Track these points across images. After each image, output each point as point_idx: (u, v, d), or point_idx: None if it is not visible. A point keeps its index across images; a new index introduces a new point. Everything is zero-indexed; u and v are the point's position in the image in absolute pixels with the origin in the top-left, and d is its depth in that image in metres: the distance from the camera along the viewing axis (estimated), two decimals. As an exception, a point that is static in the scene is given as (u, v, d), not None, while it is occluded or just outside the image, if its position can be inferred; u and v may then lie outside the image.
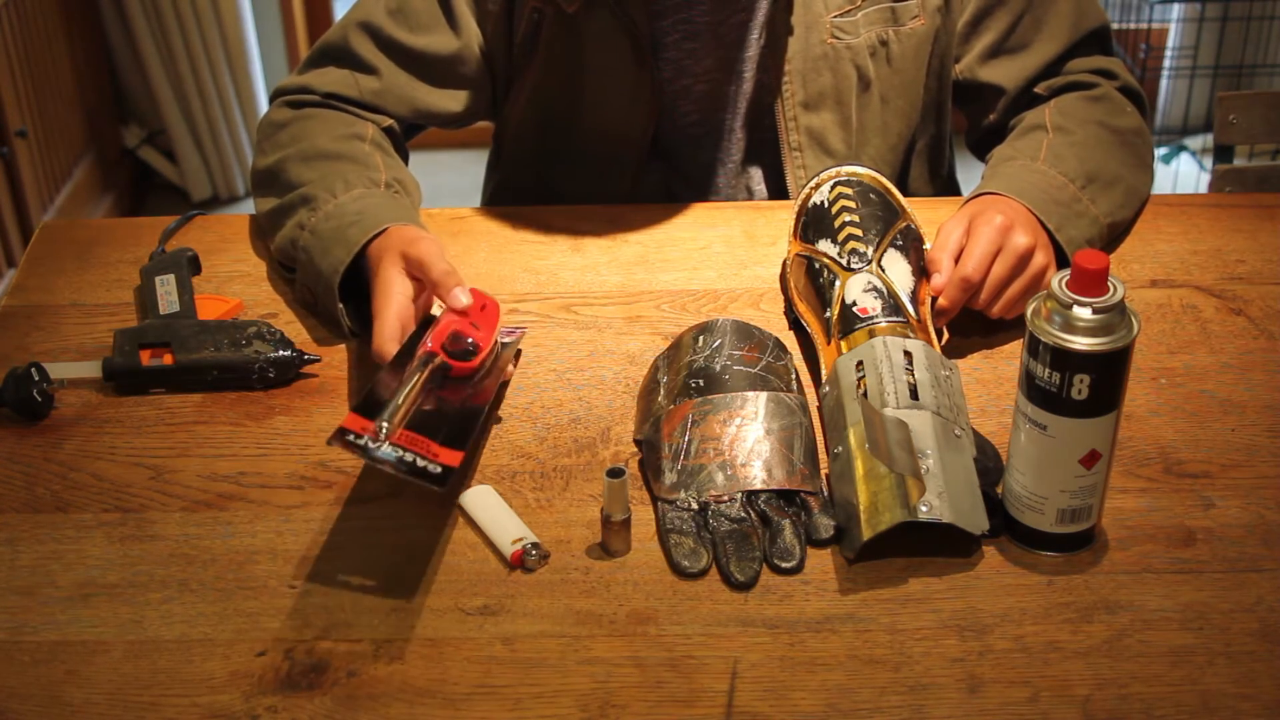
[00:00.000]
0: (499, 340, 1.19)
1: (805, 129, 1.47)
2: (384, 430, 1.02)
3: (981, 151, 1.53)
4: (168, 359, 1.21)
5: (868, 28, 1.45)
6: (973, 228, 1.25)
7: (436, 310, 1.20)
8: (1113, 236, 1.39)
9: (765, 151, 1.52)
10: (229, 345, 1.21)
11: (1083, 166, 1.36)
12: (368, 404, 1.05)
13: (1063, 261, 1.29)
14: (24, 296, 1.34)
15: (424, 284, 1.18)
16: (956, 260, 1.23)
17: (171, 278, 1.29)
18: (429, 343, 1.13)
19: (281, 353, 1.21)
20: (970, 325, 1.28)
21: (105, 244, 1.42)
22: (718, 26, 1.44)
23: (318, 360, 1.23)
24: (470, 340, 1.13)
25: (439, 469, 1.01)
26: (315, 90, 1.43)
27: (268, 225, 1.36)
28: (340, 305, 1.24)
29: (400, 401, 1.05)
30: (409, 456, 1.01)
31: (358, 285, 1.25)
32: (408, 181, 1.38)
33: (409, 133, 1.49)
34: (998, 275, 1.23)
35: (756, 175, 1.54)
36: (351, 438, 1.01)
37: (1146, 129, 1.48)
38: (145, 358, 1.21)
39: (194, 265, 1.34)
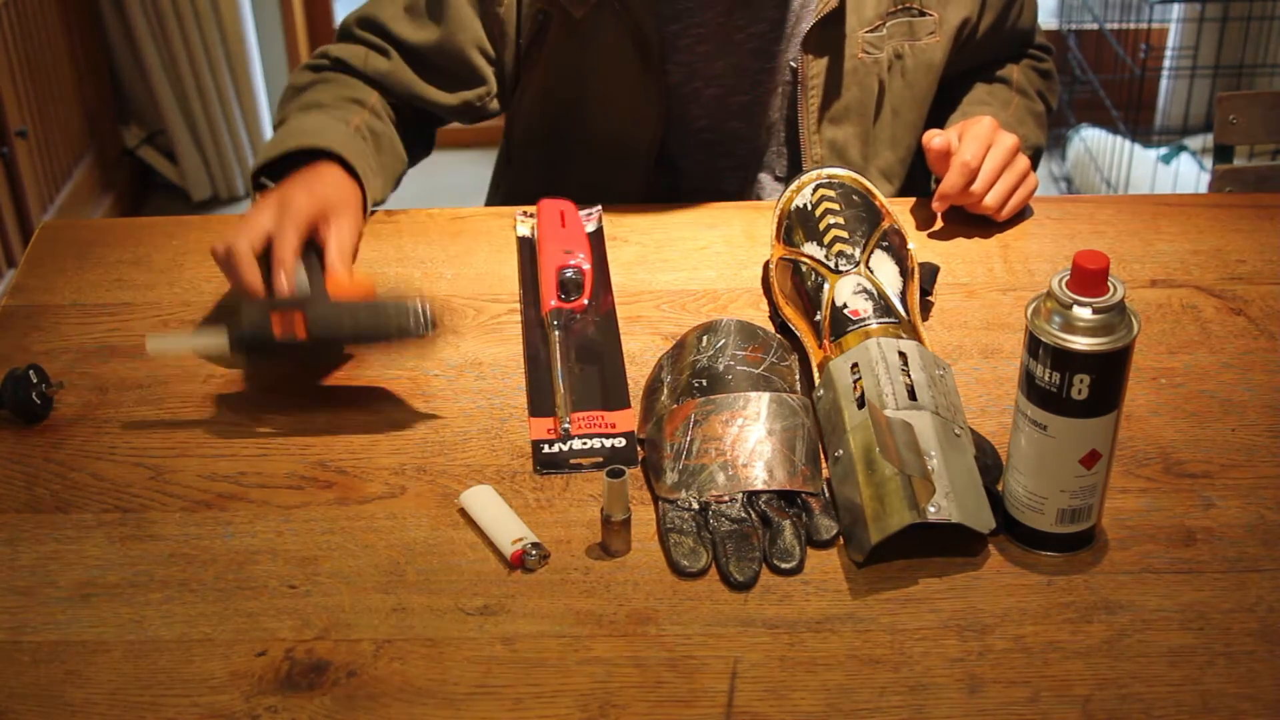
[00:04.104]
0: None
1: (829, 142, 1.47)
2: (567, 428, 1.12)
3: None
4: (300, 330, 1.12)
5: (889, 41, 1.46)
6: (964, 129, 1.38)
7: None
8: None
9: (777, 161, 1.52)
10: (365, 310, 1.13)
11: (1033, 137, 1.52)
12: (535, 399, 1.16)
13: None
14: (24, 296, 1.34)
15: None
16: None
17: (300, 265, 1.20)
18: (548, 301, 1.25)
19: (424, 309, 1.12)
20: (970, 324, 1.28)
21: (105, 244, 1.42)
22: (732, 31, 1.44)
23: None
24: (572, 269, 1.26)
25: (623, 441, 1.12)
26: (330, 55, 1.47)
27: None
28: (255, 177, 1.31)
29: (563, 389, 1.16)
30: (599, 444, 1.12)
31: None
32: (383, 138, 1.42)
33: (422, 121, 1.51)
34: (992, 164, 1.36)
35: (768, 185, 1.54)
36: (545, 449, 1.12)
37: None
38: (276, 323, 1.12)
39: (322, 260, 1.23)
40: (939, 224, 1.41)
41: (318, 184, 1.26)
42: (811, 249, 1.23)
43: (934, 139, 1.37)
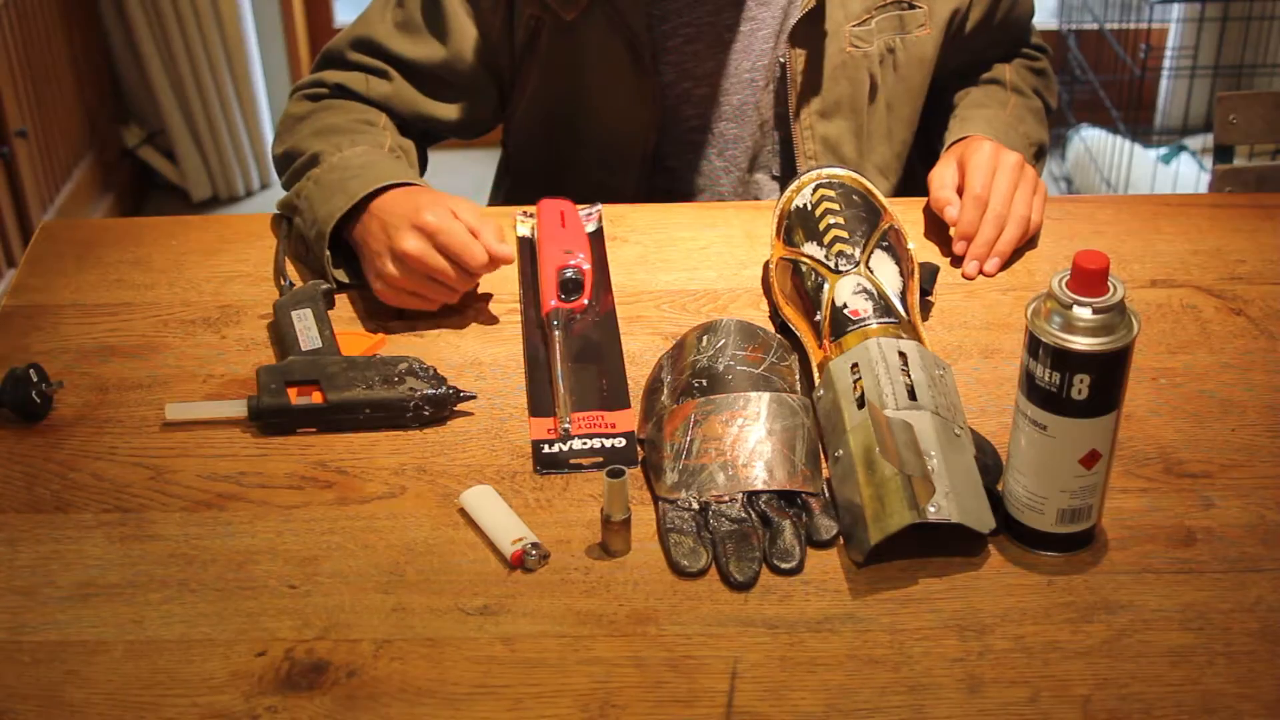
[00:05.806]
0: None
1: (821, 137, 1.47)
2: (567, 428, 1.13)
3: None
4: (316, 397, 1.16)
5: (879, 35, 1.45)
6: (965, 158, 1.36)
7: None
8: None
9: (773, 161, 1.52)
10: (381, 383, 1.16)
11: (1035, 134, 1.51)
12: (535, 399, 1.17)
13: None
14: (24, 296, 1.34)
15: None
16: (960, 193, 1.35)
17: (308, 312, 1.25)
18: (548, 301, 1.26)
19: (437, 390, 1.16)
20: (970, 324, 1.28)
21: (105, 244, 1.42)
22: (722, 31, 1.44)
23: (474, 397, 1.18)
24: (572, 269, 1.28)
25: (623, 441, 1.12)
26: (327, 83, 1.47)
27: (285, 191, 1.41)
28: (327, 253, 1.29)
29: (563, 389, 1.16)
30: (599, 444, 1.13)
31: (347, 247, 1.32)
32: (410, 152, 1.44)
33: (423, 139, 1.51)
34: (1002, 186, 1.34)
35: (764, 183, 1.54)
36: (545, 449, 1.12)
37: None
38: (293, 396, 1.16)
39: (328, 299, 1.29)
40: (995, 269, 1.35)
41: (418, 194, 1.28)
42: (811, 249, 1.23)
43: (941, 192, 1.35)
